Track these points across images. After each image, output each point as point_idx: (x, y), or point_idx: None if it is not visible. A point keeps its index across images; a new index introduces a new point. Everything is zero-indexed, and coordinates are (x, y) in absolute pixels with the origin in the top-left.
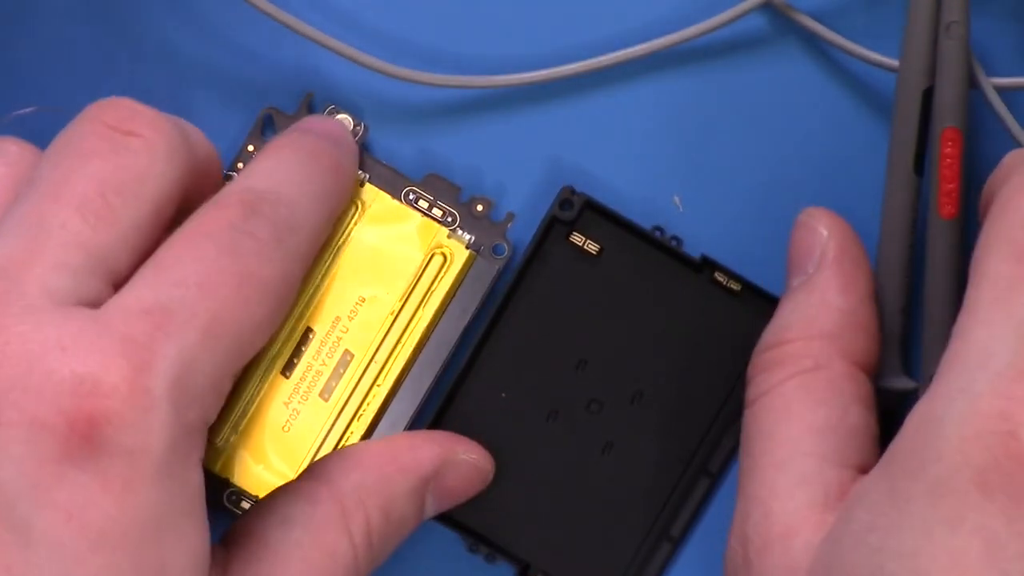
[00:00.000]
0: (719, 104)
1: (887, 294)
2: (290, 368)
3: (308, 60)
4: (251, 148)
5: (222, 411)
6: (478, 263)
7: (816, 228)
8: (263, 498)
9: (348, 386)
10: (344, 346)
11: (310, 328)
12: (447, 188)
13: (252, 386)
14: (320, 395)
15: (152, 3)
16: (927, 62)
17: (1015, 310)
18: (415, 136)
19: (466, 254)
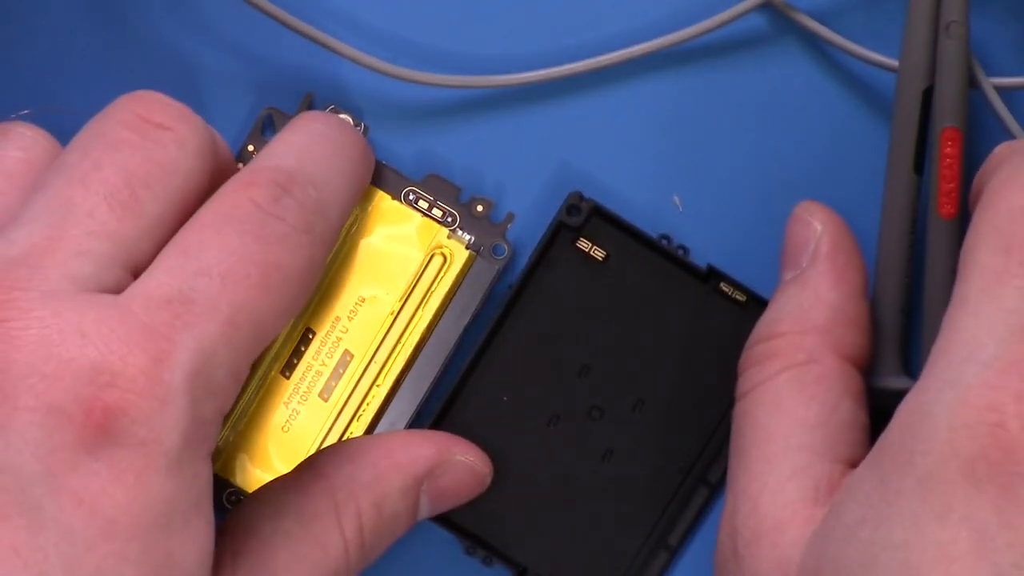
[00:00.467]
0: (718, 104)
1: (887, 294)
2: (290, 368)
3: (308, 60)
4: (251, 148)
5: None
6: (478, 263)
7: (810, 222)
8: (256, 490)
9: (348, 386)
10: (344, 346)
11: (310, 328)
12: (447, 188)
13: (252, 386)
14: (320, 395)
15: (152, 3)
16: (927, 62)
17: (1003, 302)
18: (415, 136)
19: (466, 254)
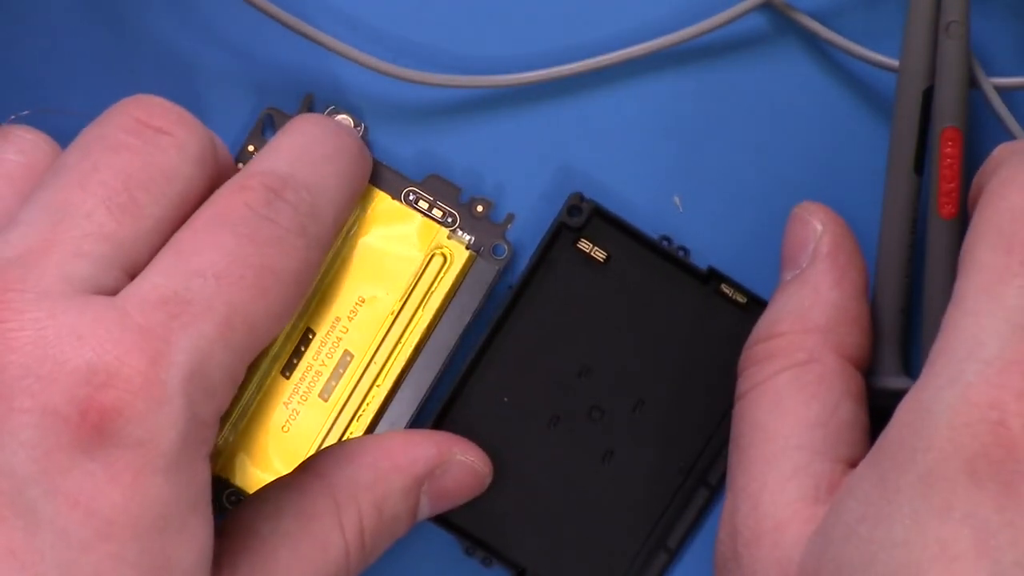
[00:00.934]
0: (718, 104)
1: (887, 294)
2: (290, 368)
3: (308, 60)
4: (251, 148)
5: None
6: (478, 264)
7: (810, 222)
8: (257, 490)
9: (348, 386)
10: (344, 346)
11: (310, 328)
12: (447, 189)
13: (252, 386)
14: (320, 395)
15: (152, 3)
16: (927, 62)
17: (1003, 300)
18: (415, 136)
19: (466, 255)
